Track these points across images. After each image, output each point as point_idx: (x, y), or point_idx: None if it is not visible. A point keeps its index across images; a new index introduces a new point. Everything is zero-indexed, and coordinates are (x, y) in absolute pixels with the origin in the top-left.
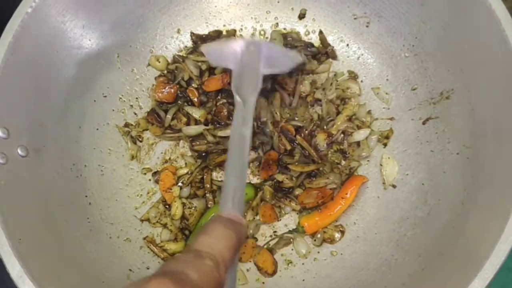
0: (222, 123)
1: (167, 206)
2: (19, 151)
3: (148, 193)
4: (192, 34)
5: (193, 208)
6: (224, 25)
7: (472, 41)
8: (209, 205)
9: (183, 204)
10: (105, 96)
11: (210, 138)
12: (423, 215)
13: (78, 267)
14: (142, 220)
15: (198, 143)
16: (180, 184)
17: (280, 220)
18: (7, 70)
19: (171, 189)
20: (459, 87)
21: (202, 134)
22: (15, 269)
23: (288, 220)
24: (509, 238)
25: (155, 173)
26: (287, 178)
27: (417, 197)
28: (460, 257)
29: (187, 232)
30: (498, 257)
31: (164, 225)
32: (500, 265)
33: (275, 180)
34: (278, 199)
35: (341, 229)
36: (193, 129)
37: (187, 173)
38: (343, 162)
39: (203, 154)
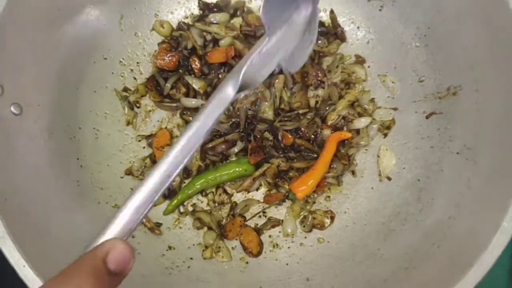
0: None
1: (155, 163)
2: (12, 109)
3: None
4: (200, 1)
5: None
6: None
7: (486, 39)
8: (191, 176)
9: None
10: (105, 59)
11: None
12: (415, 212)
13: (62, 231)
14: (125, 173)
15: (188, 113)
16: None
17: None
18: (4, 26)
19: (163, 147)
20: (467, 84)
21: (198, 108)
22: None
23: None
24: (495, 250)
25: (149, 136)
26: (282, 162)
27: (411, 193)
28: (445, 262)
29: (166, 191)
30: (482, 267)
31: None
32: (483, 275)
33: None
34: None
35: (331, 215)
36: (192, 102)
37: None
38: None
39: None
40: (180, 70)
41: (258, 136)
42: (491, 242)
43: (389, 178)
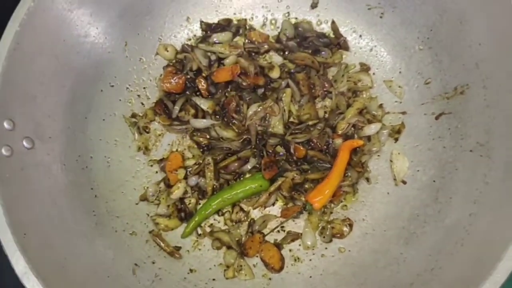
0: (230, 117)
1: (169, 186)
2: (25, 143)
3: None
4: (201, 22)
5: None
6: (235, 14)
7: (489, 36)
8: (206, 196)
9: (185, 191)
10: (112, 86)
11: (213, 133)
12: (434, 213)
13: (83, 262)
14: (140, 199)
15: (198, 134)
16: (187, 171)
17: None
18: (13, 60)
19: (177, 170)
20: (474, 82)
21: (208, 128)
22: (19, 265)
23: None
24: None
25: (161, 160)
26: (296, 174)
27: (428, 195)
28: (470, 258)
29: (183, 214)
30: (510, 260)
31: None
32: None
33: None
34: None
35: (349, 222)
36: (201, 123)
37: (194, 163)
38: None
39: (204, 146)
40: (187, 92)
41: (270, 151)
42: None
43: (404, 182)
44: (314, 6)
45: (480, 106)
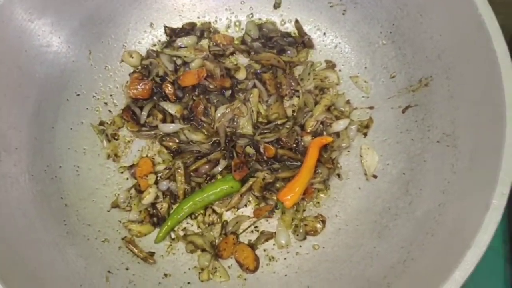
0: (198, 120)
1: (140, 192)
2: None
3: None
4: (165, 27)
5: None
6: (198, 17)
7: (449, 27)
8: (178, 200)
9: (156, 196)
10: (78, 95)
11: (182, 137)
12: (405, 205)
13: (55, 272)
14: (112, 207)
15: (167, 139)
16: (158, 176)
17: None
18: None
19: (147, 176)
20: (437, 74)
21: (176, 132)
22: None
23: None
24: (489, 228)
25: (131, 167)
26: (267, 174)
27: (398, 187)
28: (441, 248)
29: (155, 219)
30: (479, 247)
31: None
32: (481, 256)
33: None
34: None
35: (321, 219)
36: (170, 127)
37: (165, 168)
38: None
39: (174, 151)
40: (154, 97)
41: (240, 152)
42: (484, 220)
43: (375, 176)
44: (277, 6)
45: (444, 97)
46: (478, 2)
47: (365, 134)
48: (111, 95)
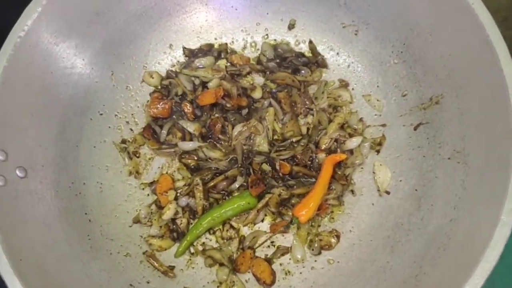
0: (216, 138)
1: (160, 208)
2: (18, 173)
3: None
4: (184, 48)
5: (183, 217)
6: (216, 39)
7: (458, 46)
8: (197, 216)
9: (176, 212)
10: (101, 114)
11: (201, 154)
12: (417, 221)
13: (79, 285)
14: (133, 222)
15: (186, 156)
16: (177, 192)
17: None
18: (3, 94)
19: (167, 192)
20: (447, 92)
21: (195, 150)
22: None
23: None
24: (498, 244)
25: (152, 183)
26: (283, 190)
27: (410, 203)
28: (452, 263)
29: (175, 234)
30: (488, 262)
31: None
32: (490, 271)
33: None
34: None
35: (336, 234)
36: (189, 145)
37: (184, 185)
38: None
39: (193, 167)
40: (174, 116)
41: (257, 169)
42: (493, 236)
43: (387, 192)
44: (291, 27)
45: (454, 115)
46: (486, 23)
47: (378, 151)
48: (132, 114)
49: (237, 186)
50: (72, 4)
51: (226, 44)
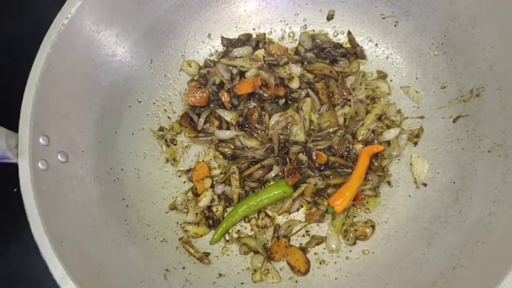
0: (253, 127)
1: (196, 195)
2: (59, 157)
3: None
4: (222, 38)
5: (219, 204)
6: (254, 29)
7: (501, 38)
8: (232, 204)
9: (212, 199)
10: (140, 102)
11: (238, 143)
12: (454, 214)
13: (117, 268)
14: (170, 209)
15: (223, 145)
16: (214, 180)
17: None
18: (46, 80)
19: (203, 180)
20: (489, 84)
21: (232, 138)
22: (57, 271)
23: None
24: None
25: (188, 171)
26: (318, 180)
27: (448, 196)
28: (491, 256)
29: (211, 221)
30: None
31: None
32: None
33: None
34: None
35: (371, 224)
36: (225, 134)
37: (220, 173)
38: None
39: (229, 156)
40: (211, 105)
41: (293, 158)
42: None
43: (424, 184)
44: (330, 18)
45: (495, 107)
46: None
47: (416, 143)
48: (170, 102)
49: (273, 175)
50: None
51: (264, 34)
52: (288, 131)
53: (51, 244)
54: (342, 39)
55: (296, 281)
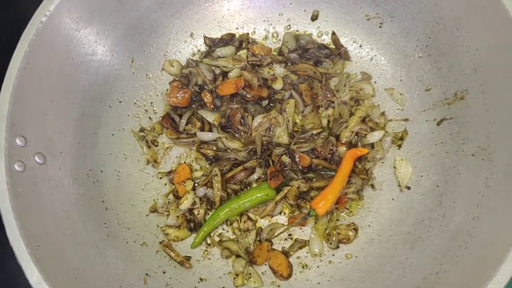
0: (236, 129)
1: (178, 198)
2: (37, 159)
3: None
4: (205, 37)
5: (200, 207)
6: (237, 28)
7: (486, 40)
8: (214, 207)
9: (193, 202)
10: (120, 102)
11: (220, 145)
12: (438, 218)
13: (96, 272)
14: (150, 211)
15: (205, 146)
16: (195, 182)
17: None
18: (24, 79)
19: (185, 182)
20: (473, 87)
21: (214, 140)
22: (33, 276)
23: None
24: None
25: (169, 173)
26: (302, 183)
27: (432, 199)
28: (474, 261)
29: (192, 224)
30: None
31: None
32: None
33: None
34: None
35: (353, 227)
36: (208, 135)
37: (202, 175)
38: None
39: (211, 158)
40: (193, 106)
41: (276, 161)
42: None
43: (408, 188)
44: (314, 18)
45: (480, 111)
46: None
47: (400, 146)
48: (151, 103)
49: (256, 177)
50: None
51: (248, 34)
52: (271, 132)
53: (27, 248)
54: (327, 39)
55: (279, 286)
